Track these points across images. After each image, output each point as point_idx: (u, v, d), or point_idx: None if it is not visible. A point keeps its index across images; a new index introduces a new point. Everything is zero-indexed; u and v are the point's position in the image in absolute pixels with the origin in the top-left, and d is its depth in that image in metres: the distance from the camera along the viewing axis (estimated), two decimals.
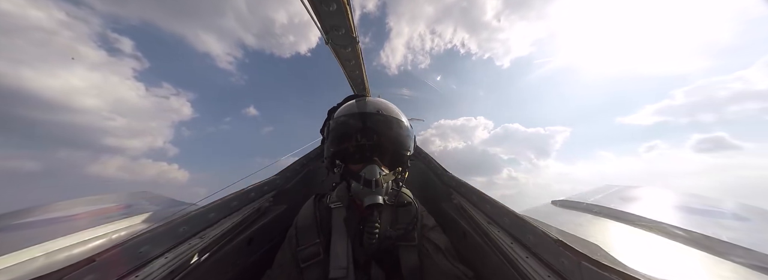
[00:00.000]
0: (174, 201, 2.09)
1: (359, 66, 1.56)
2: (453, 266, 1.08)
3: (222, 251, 1.13)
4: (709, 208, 1.98)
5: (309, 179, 2.12)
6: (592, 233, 1.58)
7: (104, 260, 0.77)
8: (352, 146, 1.15)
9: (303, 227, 1.15)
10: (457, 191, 1.64)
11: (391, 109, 1.24)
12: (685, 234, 1.45)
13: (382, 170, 1.09)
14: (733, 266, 1.16)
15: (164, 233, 0.97)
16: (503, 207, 1.21)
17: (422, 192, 2.08)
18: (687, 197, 2.29)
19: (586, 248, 0.83)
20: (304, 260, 1.05)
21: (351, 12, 0.97)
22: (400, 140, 1.20)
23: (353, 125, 1.17)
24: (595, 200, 2.17)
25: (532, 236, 1.00)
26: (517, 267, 0.97)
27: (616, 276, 0.70)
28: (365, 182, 1.04)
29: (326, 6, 0.93)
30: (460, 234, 1.42)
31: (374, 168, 1.06)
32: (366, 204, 1.01)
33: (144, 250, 0.88)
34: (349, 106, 1.25)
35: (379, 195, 1.03)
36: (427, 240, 1.16)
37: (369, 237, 1.02)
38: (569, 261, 0.83)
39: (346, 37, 1.13)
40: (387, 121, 1.18)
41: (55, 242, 1.28)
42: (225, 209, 1.27)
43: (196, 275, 0.98)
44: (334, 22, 1.04)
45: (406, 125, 1.24)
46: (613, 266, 0.73)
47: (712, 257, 1.24)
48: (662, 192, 2.48)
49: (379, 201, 1.01)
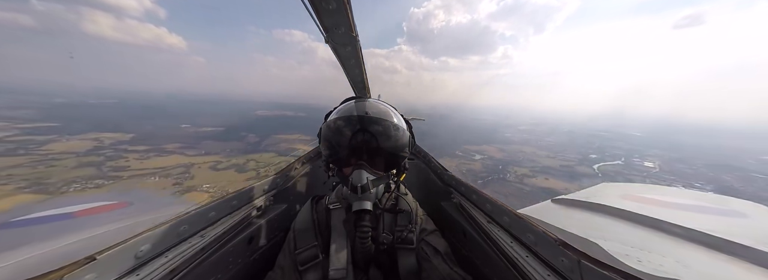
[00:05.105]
0: (174, 200, 2.08)
1: (359, 65, 1.55)
2: (452, 271, 1.07)
3: (222, 250, 1.13)
4: (708, 205, 1.98)
5: (309, 178, 2.12)
6: (591, 231, 1.58)
7: (105, 258, 0.77)
8: (342, 149, 1.13)
9: (300, 230, 1.15)
10: (457, 190, 1.64)
11: (384, 112, 1.20)
12: (684, 232, 1.45)
13: (372, 174, 1.07)
14: (733, 264, 1.16)
15: (165, 232, 0.96)
16: (503, 206, 1.21)
17: (422, 191, 2.08)
18: (687, 194, 2.27)
19: (585, 247, 0.83)
20: (302, 263, 1.06)
21: (351, 10, 0.96)
22: (393, 143, 1.16)
23: (344, 129, 1.14)
24: (595, 199, 2.17)
25: (532, 234, 1.00)
26: (517, 266, 0.97)
27: (616, 275, 0.70)
28: (352, 187, 1.03)
29: (326, 4, 0.92)
30: (460, 233, 1.42)
31: (361, 173, 1.05)
32: (353, 210, 1.02)
33: (144, 249, 0.88)
34: (342, 110, 1.23)
35: (367, 200, 1.02)
36: (426, 244, 1.15)
37: (361, 242, 1.02)
38: (569, 260, 0.83)
39: (346, 35, 1.12)
40: (379, 124, 1.14)
41: (56, 239, 1.27)
42: (225, 208, 1.26)
43: (197, 273, 0.99)
44: (334, 20, 1.02)
45: (401, 127, 1.21)
46: (612, 265, 0.73)
47: (712, 255, 1.24)
48: (662, 190, 2.46)
49: (365, 207, 1.00)
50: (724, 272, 1.16)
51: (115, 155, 59.03)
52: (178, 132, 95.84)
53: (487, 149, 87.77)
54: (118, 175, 47.65)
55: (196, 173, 49.39)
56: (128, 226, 1.64)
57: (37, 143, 66.03)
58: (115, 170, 50.29)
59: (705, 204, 2.02)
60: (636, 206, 1.91)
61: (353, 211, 1.02)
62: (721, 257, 1.24)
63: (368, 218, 1.03)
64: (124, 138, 76.74)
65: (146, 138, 77.32)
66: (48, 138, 71.27)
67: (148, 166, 52.62)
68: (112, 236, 1.16)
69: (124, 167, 51.69)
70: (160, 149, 65.98)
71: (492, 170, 62.84)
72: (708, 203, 2.04)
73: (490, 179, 55.59)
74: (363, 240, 1.02)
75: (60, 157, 56.82)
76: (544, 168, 66.10)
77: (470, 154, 78.73)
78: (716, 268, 1.18)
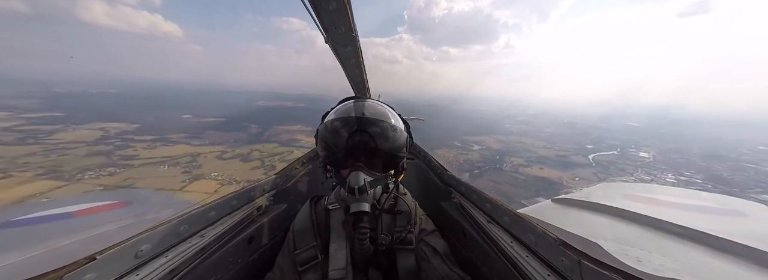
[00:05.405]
0: (174, 200, 2.17)
1: (359, 65, 1.57)
2: (451, 271, 1.08)
3: (222, 250, 1.14)
4: (709, 205, 1.99)
5: (310, 178, 2.12)
6: (591, 231, 1.58)
7: (105, 258, 0.77)
8: (339, 151, 1.11)
9: (299, 231, 1.17)
10: (457, 190, 1.64)
11: (381, 112, 1.18)
12: (684, 232, 1.45)
13: (369, 175, 1.06)
14: (733, 263, 1.17)
15: (164, 232, 0.96)
16: (503, 206, 1.20)
17: (422, 191, 2.10)
18: (687, 194, 2.29)
19: (586, 247, 0.83)
20: (301, 264, 1.07)
21: (351, 10, 0.96)
22: (391, 144, 1.13)
23: (341, 130, 1.12)
24: (595, 199, 2.18)
25: (532, 234, 0.99)
26: (517, 266, 0.97)
27: (616, 275, 0.70)
28: (349, 189, 1.02)
29: (326, 4, 0.92)
30: (460, 233, 1.43)
31: (359, 175, 1.03)
32: (351, 212, 1.02)
33: (144, 248, 0.88)
34: (339, 110, 1.22)
35: (365, 202, 1.02)
36: (425, 244, 1.16)
37: (359, 243, 1.03)
38: (569, 260, 0.83)
39: (345, 35, 1.13)
40: (376, 125, 1.11)
41: (57, 239, 1.30)
42: (225, 208, 1.27)
43: (197, 273, 0.99)
44: (333, 20, 1.03)
45: (399, 127, 1.18)
46: (613, 265, 0.74)
47: (712, 255, 1.25)
48: (662, 190, 2.48)
49: (363, 209, 1.00)
50: (725, 272, 1.15)
51: (123, 145, 60.69)
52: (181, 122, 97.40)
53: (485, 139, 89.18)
54: (129, 163, 49.44)
55: (203, 162, 51.24)
56: (128, 226, 1.66)
57: (45, 132, 67.60)
58: (125, 158, 52.06)
59: (705, 204, 2.02)
60: (636, 205, 1.91)
61: (351, 212, 1.02)
62: (721, 256, 1.24)
63: (366, 219, 1.03)
64: (129, 128, 78.45)
65: (151, 128, 79.02)
66: (55, 128, 72.75)
67: (156, 155, 54.42)
68: (112, 236, 1.22)
69: (133, 156, 53.45)
70: (166, 139, 67.68)
71: (489, 160, 64.52)
72: (708, 203, 2.03)
73: (487, 169, 57.32)
74: (361, 241, 1.02)
75: (70, 146, 58.55)
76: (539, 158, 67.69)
77: (469, 145, 79.95)
78: (716, 268, 1.18)
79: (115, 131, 72.85)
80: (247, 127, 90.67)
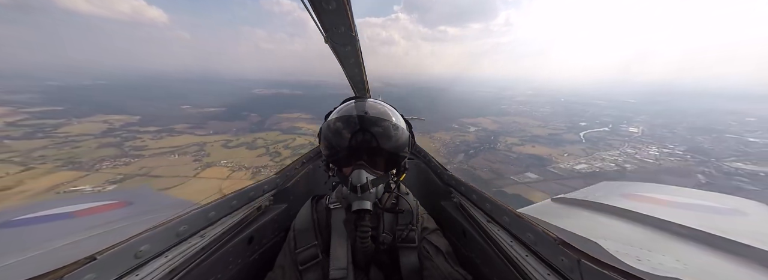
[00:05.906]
0: (174, 200, 2.22)
1: (359, 64, 1.58)
2: (453, 270, 1.10)
3: (222, 250, 1.14)
4: (709, 204, 2.00)
5: (310, 178, 2.12)
6: (591, 230, 1.58)
7: (105, 258, 0.77)
8: (342, 150, 1.11)
9: (300, 230, 1.19)
10: (457, 190, 1.65)
11: (383, 112, 1.18)
12: (684, 231, 1.46)
13: (371, 174, 1.07)
14: (733, 263, 1.18)
15: (164, 232, 0.97)
16: (503, 206, 1.21)
17: (422, 191, 2.14)
18: (687, 193, 2.30)
19: (585, 246, 0.83)
20: (302, 263, 1.09)
21: (350, 10, 0.95)
22: (393, 143, 1.14)
23: (343, 129, 1.12)
24: (595, 198, 2.18)
25: (532, 234, 1.00)
26: (517, 266, 0.97)
27: (616, 274, 0.70)
28: (351, 187, 1.03)
29: (326, 4, 0.90)
30: (460, 233, 1.44)
31: (361, 173, 1.05)
32: (353, 209, 1.02)
33: (144, 249, 0.88)
34: (341, 110, 1.22)
35: (367, 200, 1.02)
36: (428, 242, 1.18)
37: (361, 242, 1.03)
38: (569, 259, 0.83)
39: (345, 35, 1.12)
40: (378, 124, 1.11)
41: (56, 239, 1.34)
42: (225, 208, 1.27)
43: (197, 274, 1.00)
44: (333, 19, 1.01)
45: (400, 127, 1.19)
46: (612, 264, 0.73)
47: (713, 254, 1.26)
48: (662, 189, 2.46)
49: (365, 207, 1.01)
50: (725, 271, 1.15)
51: (130, 136, 62.79)
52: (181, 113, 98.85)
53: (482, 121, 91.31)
54: (140, 154, 51.88)
55: (211, 151, 53.77)
56: (128, 226, 1.68)
57: (51, 126, 69.29)
58: (135, 149, 54.43)
59: (705, 203, 2.01)
60: (636, 204, 1.91)
61: (353, 211, 1.02)
62: (721, 255, 1.24)
63: (368, 217, 1.03)
64: (132, 120, 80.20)
65: (153, 119, 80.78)
66: (59, 122, 74.33)
67: (164, 145, 56.77)
68: (112, 236, 1.23)
69: (142, 147, 55.80)
70: (170, 129, 69.79)
71: (484, 140, 67.07)
72: (708, 202, 2.03)
73: (481, 149, 59.89)
74: (363, 240, 1.03)
75: (79, 139, 60.64)
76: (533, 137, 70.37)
77: (466, 126, 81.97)
78: (716, 267, 1.18)
79: (120, 123, 74.58)
80: (247, 116, 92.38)
